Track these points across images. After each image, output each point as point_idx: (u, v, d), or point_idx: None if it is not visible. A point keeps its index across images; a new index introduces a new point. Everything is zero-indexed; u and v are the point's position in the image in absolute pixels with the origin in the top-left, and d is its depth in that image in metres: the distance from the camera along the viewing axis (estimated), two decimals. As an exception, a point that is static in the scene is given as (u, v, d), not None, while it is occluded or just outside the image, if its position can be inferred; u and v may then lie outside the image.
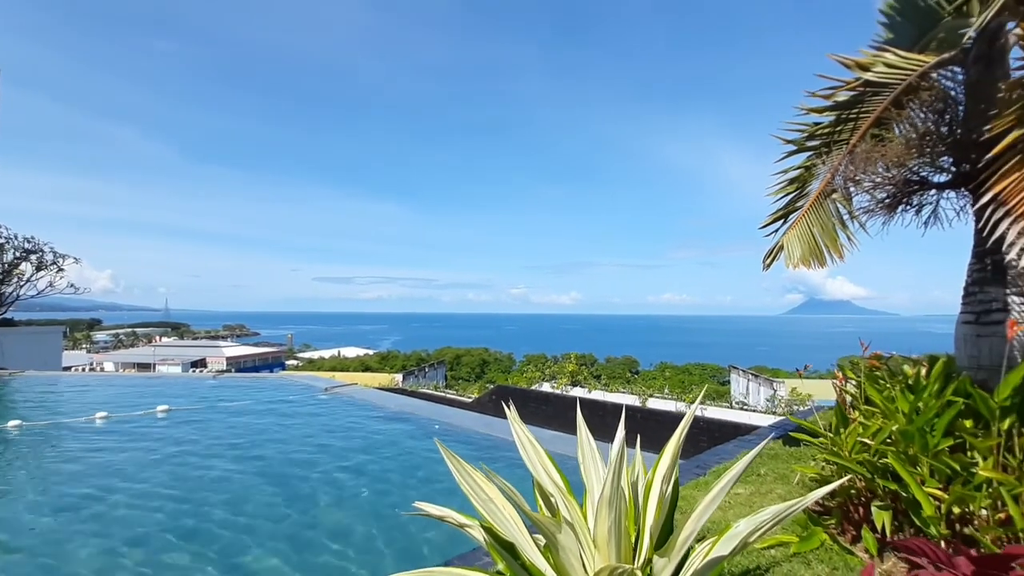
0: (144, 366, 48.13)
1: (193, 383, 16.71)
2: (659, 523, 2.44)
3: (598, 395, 19.93)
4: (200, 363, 53.79)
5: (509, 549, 2.31)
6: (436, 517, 2.53)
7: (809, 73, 4.56)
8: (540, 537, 2.36)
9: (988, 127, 3.21)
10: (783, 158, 4.92)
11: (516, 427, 2.75)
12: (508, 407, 2.87)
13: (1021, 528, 2.39)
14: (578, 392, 20.37)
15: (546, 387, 22.38)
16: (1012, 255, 2.70)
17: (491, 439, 8.69)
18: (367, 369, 50.59)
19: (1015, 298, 3.19)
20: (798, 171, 4.84)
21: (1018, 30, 2.93)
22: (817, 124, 4.64)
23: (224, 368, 50.14)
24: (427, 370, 35.55)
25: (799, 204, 4.78)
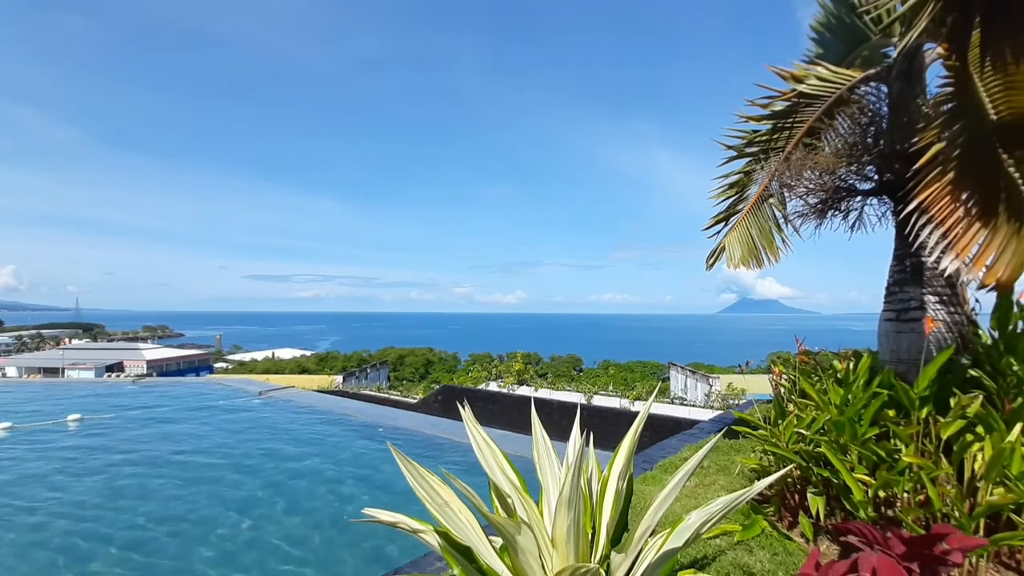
0: (52, 371, 43.71)
1: (109, 389, 15.36)
2: (615, 519, 2.45)
3: (544, 393, 20.13)
4: (117, 367, 49.56)
5: (465, 553, 2.25)
6: (387, 523, 2.42)
7: (747, 83, 4.79)
8: (497, 539, 2.31)
9: (911, 139, 3.48)
10: (724, 163, 5.13)
11: (471, 427, 2.69)
12: (463, 408, 2.80)
13: (939, 508, 2.60)
14: (525, 391, 20.50)
15: (493, 386, 22.37)
16: (932, 258, 2.93)
17: (438, 440, 8.55)
18: (304, 371, 48.41)
19: (931, 297, 3.48)
20: (738, 176, 5.06)
21: (939, 49, 3.18)
22: (756, 132, 4.87)
23: (145, 372, 46.48)
24: (369, 371, 34.67)
25: (739, 207, 5.00)
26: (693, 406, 17.15)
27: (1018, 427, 2.63)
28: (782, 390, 3.92)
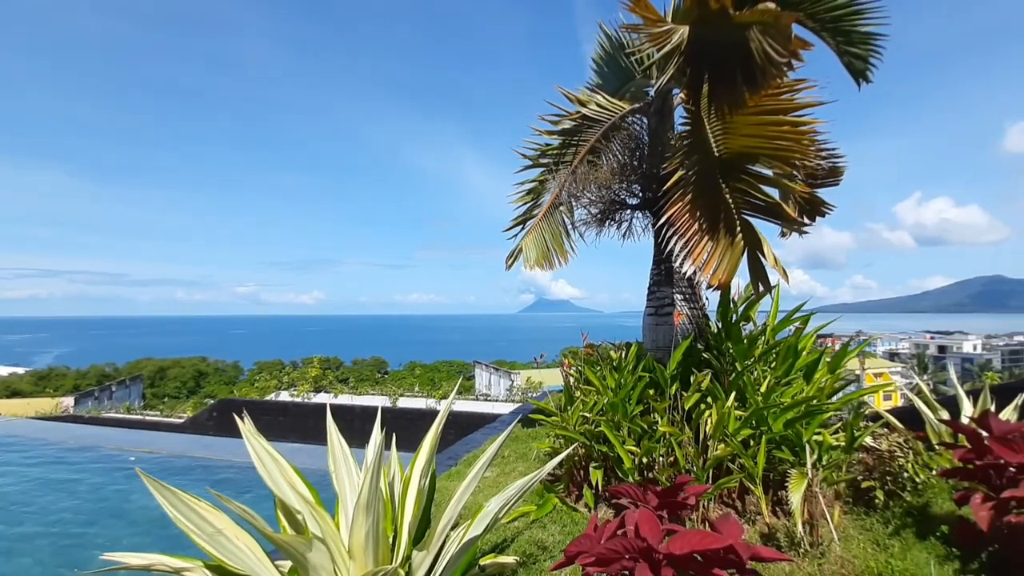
0: None
1: None
2: (417, 518, 2.39)
3: (345, 399, 19.05)
4: None
5: (243, 587, 1.93)
6: (138, 568, 1.95)
7: (542, 100, 5.25)
8: (287, 562, 2.04)
9: (663, 165, 4.21)
10: (521, 171, 5.53)
11: (252, 442, 2.34)
12: (242, 420, 2.42)
13: (683, 466, 3.18)
14: (323, 398, 19.10)
15: (284, 396, 20.31)
16: (678, 264, 3.59)
17: (213, 462, 7.36)
18: (16, 394, 37.06)
19: (678, 296, 4.28)
20: (534, 184, 5.50)
21: (681, 95, 3.92)
22: (548, 145, 5.36)
23: None
24: (114, 389, 28.66)
25: (535, 213, 5.43)
26: (496, 401, 18.21)
27: (732, 395, 3.39)
28: (571, 380, 4.37)
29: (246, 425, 2.37)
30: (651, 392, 3.65)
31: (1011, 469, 2.61)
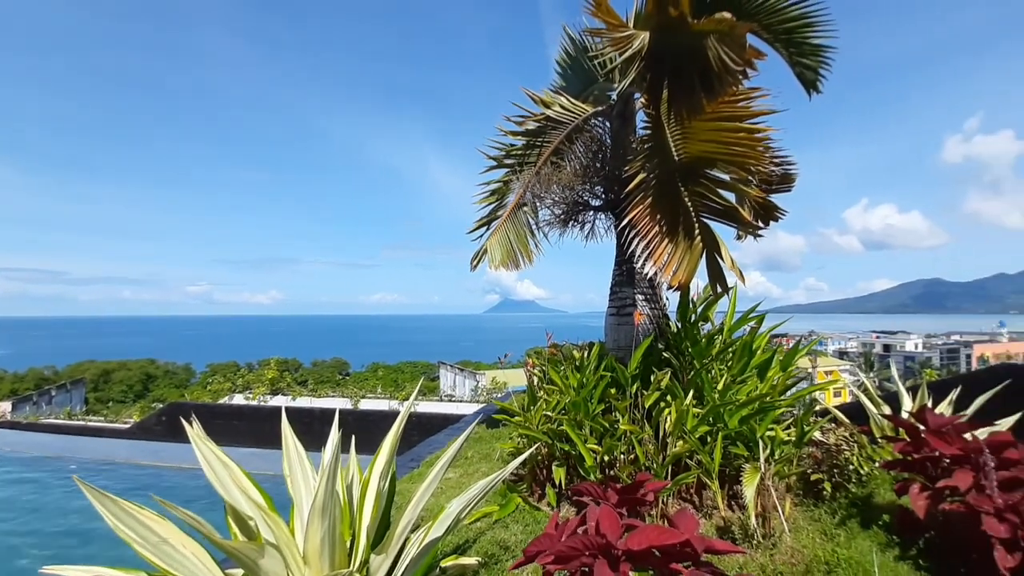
0: None
1: None
2: (376, 521, 2.34)
3: (304, 402, 18.56)
4: None
5: (190, 599, 1.84)
6: (72, 584, 1.83)
7: (507, 100, 5.25)
8: (238, 571, 1.96)
9: (625, 167, 4.28)
10: (486, 171, 5.52)
11: (200, 445, 2.24)
12: (190, 424, 2.32)
13: (643, 463, 3.23)
14: (280, 401, 18.54)
15: (238, 399, 19.61)
16: (639, 265, 3.65)
17: (161, 469, 7.02)
18: (-58, 401, 34.38)
19: (639, 296, 4.37)
20: (499, 184, 5.50)
21: (642, 100, 4.00)
22: (513, 146, 5.36)
23: None
24: (54, 393, 27.16)
25: (499, 213, 5.42)
26: (461, 401, 18.12)
27: (691, 393, 3.47)
28: (535, 379, 4.38)
29: (194, 429, 2.27)
30: (613, 391, 3.71)
31: (945, 460, 2.78)
